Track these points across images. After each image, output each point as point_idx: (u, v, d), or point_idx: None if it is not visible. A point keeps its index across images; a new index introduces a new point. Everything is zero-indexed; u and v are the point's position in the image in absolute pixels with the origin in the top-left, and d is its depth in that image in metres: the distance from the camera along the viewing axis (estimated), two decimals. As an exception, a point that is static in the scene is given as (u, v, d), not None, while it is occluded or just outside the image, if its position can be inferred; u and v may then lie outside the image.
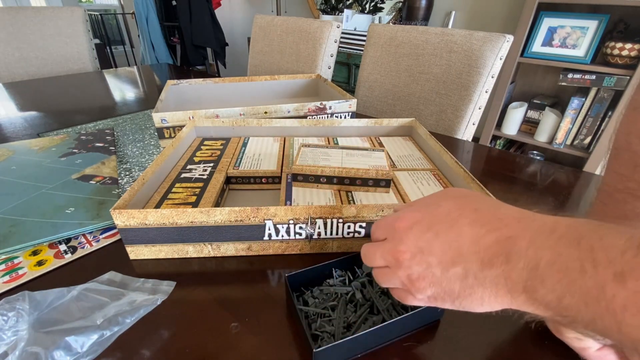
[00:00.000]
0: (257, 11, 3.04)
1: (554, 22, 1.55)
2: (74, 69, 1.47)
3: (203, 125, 0.66)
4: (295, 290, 0.34)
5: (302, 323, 0.29)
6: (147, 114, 0.92)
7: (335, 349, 0.28)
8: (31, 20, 1.35)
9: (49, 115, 0.89)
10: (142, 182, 0.44)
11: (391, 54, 1.06)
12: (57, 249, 0.42)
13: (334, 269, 0.36)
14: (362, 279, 0.35)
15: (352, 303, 0.33)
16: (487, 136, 1.85)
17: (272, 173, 0.53)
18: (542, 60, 1.58)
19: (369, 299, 0.34)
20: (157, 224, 0.38)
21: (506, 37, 0.86)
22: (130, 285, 0.37)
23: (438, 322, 0.34)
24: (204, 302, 0.36)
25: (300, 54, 1.22)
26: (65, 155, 0.64)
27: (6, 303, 0.31)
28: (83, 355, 0.29)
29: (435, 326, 0.33)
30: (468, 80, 0.91)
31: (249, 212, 0.38)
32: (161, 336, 0.32)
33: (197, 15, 2.71)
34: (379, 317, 0.32)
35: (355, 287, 0.34)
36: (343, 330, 0.31)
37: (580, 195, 0.58)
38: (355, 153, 0.53)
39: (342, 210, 0.39)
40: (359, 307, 0.33)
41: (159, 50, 2.99)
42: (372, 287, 0.35)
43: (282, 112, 0.73)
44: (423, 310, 0.31)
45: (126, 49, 4.42)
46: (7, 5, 3.63)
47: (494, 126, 1.82)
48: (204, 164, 0.55)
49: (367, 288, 0.34)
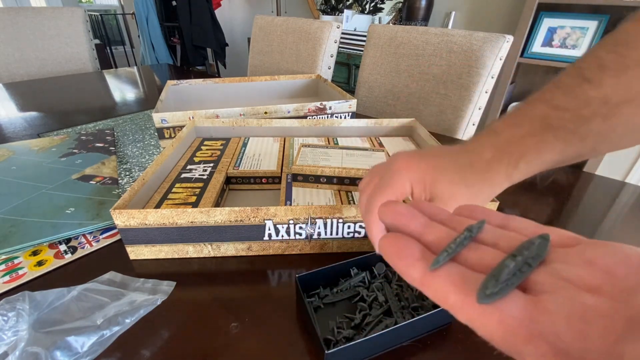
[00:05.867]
0: (257, 11, 3.05)
1: (554, 22, 1.55)
2: (74, 69, 1.47)
3: (203, 126, 0.66)
4: (304, 291, 0.34)
5: (315, 324, 0.29)
6: (147, 114, 0.92)
7: (347, 351, 0.28)
8: (31, 21, 1.35)
9: (49, 116, 0.89)
10: (142, 182, 0.44)
11: (391, 55, 1.06)
12: (57, 249, 0.42)
13: (352, 269, 0.36)
14: (379, 281, 0.35)
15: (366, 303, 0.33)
16: (487, 136, 1.85)
17: (272, 173, 0.53)
18: (542, 61, 1.58)
19: (385, 301, 0.34)
20: (157, 224, 0.38)
21: (506, 37, 0.86)
22: (130, 285, 0.37)
23: (450, 325, 0.33)
24: (204, 302, 0.35)
25: (300, 54, 1.22)
26: (65, 156, 0.64)
27: (6, 303, 0.31)
28: (83, 355, 0.29)
29: (447, 329, 0.33)
30: (468, 81, 0.92)
31: (249, 212, 0.38)
32: (161, 336, 0.32)
33: (197, 16, 2.71)
34: (392, 320, 0.32)
35: (377, 288, 0.34)
36: (354, 332, 0.31)
37: (580, 195, 0.58)
38: (355, 153, 0.53)
39: (342, 210, 0.39)
40: (371, 309, 0.33)
41: (159, 50, 2.99)
42: (389, 286, 0.35)
43: (282, 112, 0.73)
44: (435, 313, 0.31)
45: (126, 49, 4.42)
46: (7, 6, 3.64)
47: (494, 126, 1.82)
48: (204, 164, 0.55)
49: (384, 290, 0.34)
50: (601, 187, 0.60)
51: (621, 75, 0.24)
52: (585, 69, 0.26)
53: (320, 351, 0.28)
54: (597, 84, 0.25)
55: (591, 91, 0.25)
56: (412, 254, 0.16)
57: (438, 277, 0.14)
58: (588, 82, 0.25)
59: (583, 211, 0.53)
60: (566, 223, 0.50)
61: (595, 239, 0.14)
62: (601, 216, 0.52)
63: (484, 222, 0.16)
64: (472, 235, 0.15)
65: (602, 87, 0.25)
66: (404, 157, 0.29)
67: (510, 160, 0.26)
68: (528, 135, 0.26)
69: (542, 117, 0.26)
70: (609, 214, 0.52)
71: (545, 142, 0.26)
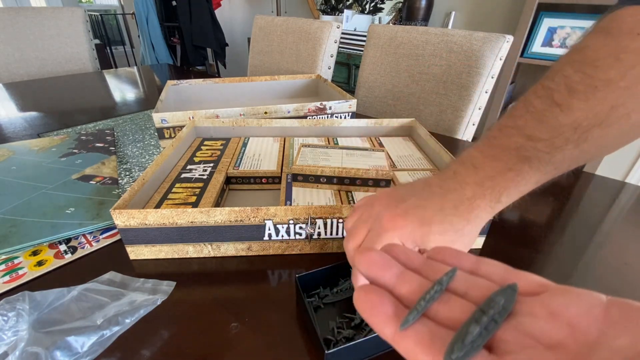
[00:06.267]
0: (257, 11, 3.05)
1: (554, 22, 1.55)
2: (74, 69, 1.47)
3: (203, 126, 0.66)
4: (303, 291, 0.34)
5: (315, 324, 0.29)
6: (147, 114, 0.92)
7: (347, 351, 0.28)
8: (31, 21, 1.35)
9: (49, 116, 0.89)
10: (142, 182, 0.44)
11: (391, 55, 1.06)
12: (57, 249, 0.42)
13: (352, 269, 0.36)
14: None
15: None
16: (487, 136, 1.85)
17: (272, 173, 0.53)
18: (542, 61, 1.58)
19: None
20: (157, 224, 0.38)
21: (506, 37, 0.86)
22: (130, 285, 0.37)
23: None
24: (204, 302, 0.36)
25: (300, 54, 1.22)
26: (65, 156, 0.64)
27: (6, 303, 0.31)
28: (83, 355, 0.29)
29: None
30: (468, 81, 0.92)
31: (249, 212, 0.38)
32: (161, 336, 0.32)
33: (197, 16, 2.71)
34: None
35: None
36: (354, 332, 0.31)
37: (580, 195, 0.58)
38: (355, 153, 0.53)
39: (342, 210, 0.39)
40: None
41: (159, 50, 2.99)
42: None
43: (282, 112, 0.73)
44: None
45: (126, 49, 4.42)
46: (7, 6, 3.64)
47: (494, 126, 1.82)
48: (204, 164, 0.55)
49: None
50: (601, 187, 0.60)
51: (590, 98, 0.25)
52: (554, 90, 0.26)
53: (320, 351, 0.28)
54: (566, 108, 0.25)
55: (561, 117, 0.25)
56: (384, 310, 0.16)
57: (407, 337, 0.15)
58: (558, 106, 0.26)
59: (583, 211, 0.53)
60: (566, 223, 0.50)
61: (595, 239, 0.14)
62: (601, 216, 0.52)
63: (455, 271, 0.17)
64: (442, 289, 0.16)
65: (571, 112, 0.25)
66: (388, 214, 0.28)
67: (492, 196, 0.27)
68: (506, 169, 0.27)
69: (517, 149, 0.27)
70: (609, 214, 0.52)
71: (522, 175, 0.27)
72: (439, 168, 0.56)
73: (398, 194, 0.30)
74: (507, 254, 0.43)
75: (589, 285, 0.39)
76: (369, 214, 0.30)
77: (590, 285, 0.39)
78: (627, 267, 0.41)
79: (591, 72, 0.25)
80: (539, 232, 0.48)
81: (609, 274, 0.41)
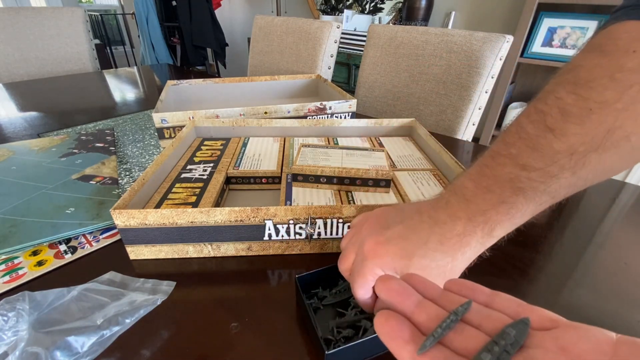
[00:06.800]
0: (257, 11, 3.05)
1: (554, 22, 1.55)
2: (74, 69, 1.47)
3: (203, 126, 0.66)
4: (303, 291, 0.34)
5: (315, 324, 0.29)
6: (147, 114, 0.92)
7: (347, 351, 0.28)
8: (31, 21, 1.35)
9: (49, 116, 0.89)
10: (142, 182, 0.44)
11: (391, 55, 1.06)
12: (57, 249, 0.42)
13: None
14: None
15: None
16: (487, 136, 1.85)
17: (272, 173, 0.53)
18: (542, 61, 1.58)
19: None
20: (157, 224, 0.38)
21: (506, 37, 0.86)
22: (130, 285, 0.37)
23: None
24: (204, 302, 0.36)
25: (300, 54, 1.22)
26: (65, 156, 0.64)
27: (6, 303, 0.31)
28: (83, 355, 0.29)
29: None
30: (468, 81, 0.92)
31: (249, 212, 0.38)
32: (161, 336, 0.32)
33: (197, 16, 2.71)
34: None
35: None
36: (354, 332, 0.31)
37: (580, 195, 0.58)
38: (355, 153, 0.53)
39: (342, 210, 0.39)
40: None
41: (159, 50, 2.99)
42: None
43: (282, 112, 0.73)
44: None
45: (126, 49, 4.43)
46: (7, 6, 3.64)
47: (494, 126, 1.82)
48: (204, 164, 0.55)
49: None
50: (601, 187, 0.60)
51: (585, 122, 0.23)
52: (547, 114, 0.25)
53: (320, 351, 0.28)
54: (560, 133, 0.24)
55: (556, 143, 0.24)
56: (402, 335, 0.17)
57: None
58: (551, 132, 0.24)
59: (583, 211, 0.53)
60: (566, 223, 0.50)
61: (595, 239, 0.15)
62: (601, 216, 0.52)
63: (470, 303, 0.18)
64: (458, 319, 0.17)
65: (566, 137, 0.24)
66: (371, 241, 0.28)
67: (484, 231, 0.26)
68: (499, 202, 0.25)
69: (511, 180, 0.25)
70: (609, 214, 0.52)
71: (517, 208, 0.25)
72: (439, 168, 0.56)
73: (386, 219, 0.30)
74: (507, 254, 0.43)
75: (589, 285, 0.39)
76: (357, 237, 0.31)
77: (590, 285, 0.39)
78: (627, 267, 0.41)
79: (585, 94, 0.23)
80: (539, 232, 0.48)
81: (609, 274, 0.41)
